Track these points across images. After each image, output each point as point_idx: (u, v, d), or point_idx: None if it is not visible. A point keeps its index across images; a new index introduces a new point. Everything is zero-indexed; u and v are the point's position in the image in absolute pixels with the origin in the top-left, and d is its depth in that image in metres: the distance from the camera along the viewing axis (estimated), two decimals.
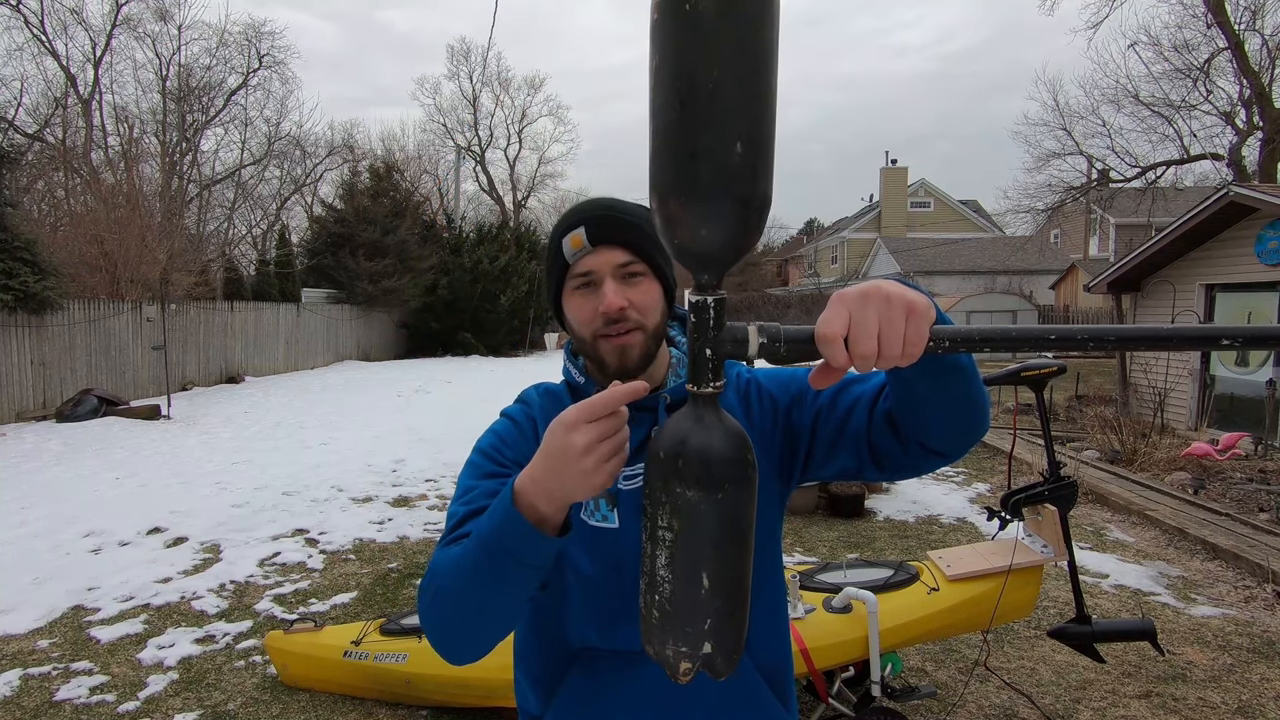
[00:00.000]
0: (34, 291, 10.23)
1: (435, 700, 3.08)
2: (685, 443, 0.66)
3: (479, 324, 22.03)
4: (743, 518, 0.67)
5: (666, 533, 0.66)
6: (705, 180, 0.60)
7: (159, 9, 22.07)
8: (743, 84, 0.58)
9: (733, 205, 0.61)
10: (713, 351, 0.66)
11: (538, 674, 1.10)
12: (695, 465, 0.65)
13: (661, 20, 0.59)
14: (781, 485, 1.11)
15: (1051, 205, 19.54)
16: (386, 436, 9.24)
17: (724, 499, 0.65)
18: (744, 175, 0.60)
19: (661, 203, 0.63)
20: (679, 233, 0.63)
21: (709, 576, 0.66)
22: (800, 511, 5.93)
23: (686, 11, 0.57)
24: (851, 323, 0.67)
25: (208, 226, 22.70)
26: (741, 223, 0.62)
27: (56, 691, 3.31)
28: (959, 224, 37.38)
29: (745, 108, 0.59)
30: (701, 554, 0.65)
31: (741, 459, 0.66)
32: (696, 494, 0.65)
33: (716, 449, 0.65)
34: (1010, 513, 2.92)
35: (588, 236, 1.03)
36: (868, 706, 2.77)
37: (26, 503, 6.22)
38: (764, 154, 0.61)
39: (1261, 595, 4.26)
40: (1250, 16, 15.90)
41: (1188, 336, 0.67)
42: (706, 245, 0.63)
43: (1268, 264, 8.05)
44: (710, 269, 0.65)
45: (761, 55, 0.59)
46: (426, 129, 48.19)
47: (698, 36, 0.57)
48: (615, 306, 1.01)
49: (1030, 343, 0.68)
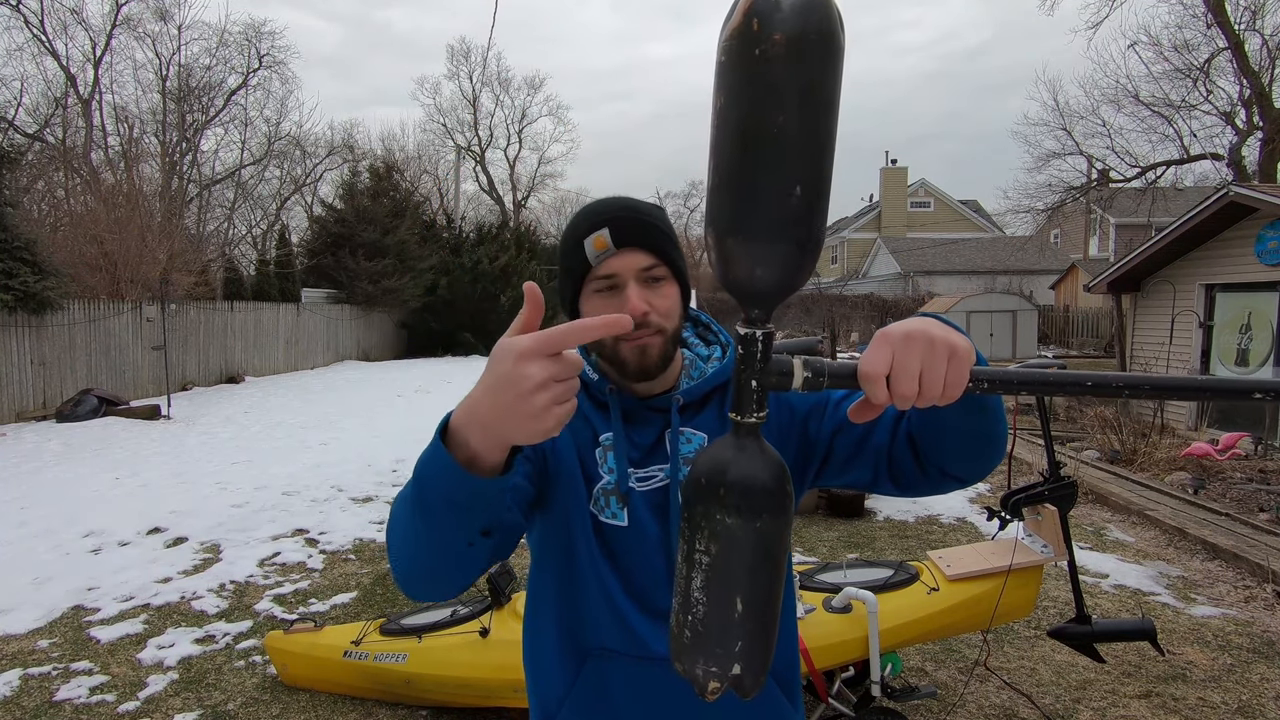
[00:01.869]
0: (34, 291, 10.23)
1: (435, 700, 3.08)
2: (727, 471, 0.67)
3: (479, 324, 22.01)
4: (778, 546, 0.68)
5: (704, 556, 0.67)
6: (763, 221, 0.62)
7: (159, 9, 22.08)
8: (805, 130, 0.60)
9: (789, 247, 0.63)
10: (758, 383, 0.68)
11: (551, 671, 1.09)
12: (736, 493, 0.66)
13: (729, 64, 0.60)
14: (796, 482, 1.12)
15: (1051, 205, 19.56)
16: (386, 436, 9.23)
17: (762, 527, 0.67)
18: (801, 219, 0.62)
19: (719, 240, 0.64)
20: (734, 270, 0.65)
21: (743, 601, 0.67)
22: (800, 511, 5.94)
23: (755, 58, 0.58)
24: (894, 363, 0.68)
25: (208, 226, 22.70)
26: (795, 263, 0.64)
27: (56, 691, 3.32)
28: (959, 224, 37.39)
29: (806, 153, 0.61)
30: (737, 579, 0.67)
31: (781, 489, 0.68)
32: (736, 521, 0.66)
33: (758, 479, 0.67)
34: (1010, 513, 2.92)
35: (612, 238, 1.02)
36: (868, 706, 2.77)
37: (26, 503, 6.22)
38: (821, 198, 0.63)
39: (1261, 595, 4.26)
40: (1250, 16, 15.92)
41: (1221, 389, 0.69)
42: (760, 283, 0.65)
43: (1268, 264, 8.05)
44: (761, 305, 0.67)
45: (824, 103, 0.61)
46: (426, 129, 48.23)
47: (765, 83, 0.59)
48: (639, 311, 1.01)
49: (1067, 388, 0.69)
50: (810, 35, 0.58)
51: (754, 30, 0.58)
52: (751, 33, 0.58)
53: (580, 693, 1.06)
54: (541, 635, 1.11)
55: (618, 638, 1.04)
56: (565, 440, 1.08)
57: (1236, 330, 8.67)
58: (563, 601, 1.07)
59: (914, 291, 28.68)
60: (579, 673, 1.06)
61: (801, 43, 0.58)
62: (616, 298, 1.03)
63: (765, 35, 0.58)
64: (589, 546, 1.05)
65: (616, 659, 1.04)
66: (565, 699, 1.07)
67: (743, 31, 0.59)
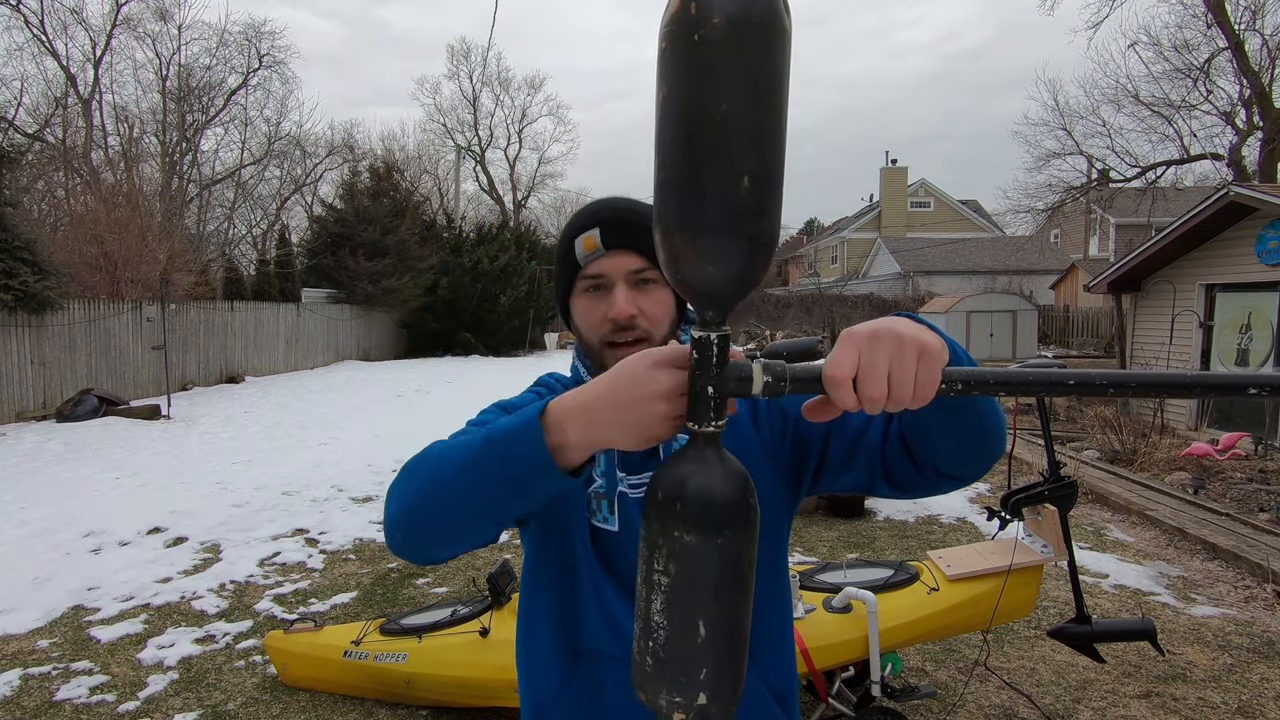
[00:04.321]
0: (34, 291, 10.23)
1: (435, 700, 3.08)
2: (685, 484, 0.63)
3: (479, 324, 22.02)
4: (743, 562, 0.64)
5: (663, 577, 0.63)
6: (711, 215, 0.59)
7: (159, 9, 22.10)
8: (751, 118, 0.57)
9: (739, 241, 0.60)
10: (715, 389, 0.64)
11: (544, 671, 1.09)
12: (694, 508, 0.62)
13: (669, 50, 0.58)
14: (789, 495, 1.09)
15: (1051, 205, 19.56)
16: (386, 436, 9.23)
17: (724, 543, 0.62)
18: (751, 211, 0.59)
19: (665, 237, 0.62)
20: (683, 268, 0.62)
21: (706, 624, 0.63)
22: (800, 511, 5.92)
23: (695, 42, 0.56)
24: (861, 364, 0.64)
25: (208, 226, 22.72)
26: (748, 259, 0.61)
27: (56, 691, 3.32)
28: (959, 224, 37.38)
29: (754, 142, 0.58)
30: (699, 600, 0.63)
31: (743, 501, 0.64)
32: (695, 538, 0.62)
33: (718, 491, 0.63)
34: (1010, 513, 2.92)
35: (602, 239, 1.01)
36: (868, 706, 2.77)
37: (26, 503, 6.22)
38: (772, 190, 0.60)
39: (1261, 595, 4.26)
40: (1250, 16, 15.92)
41: (1213, 385, 0.63)
42: (712, 282, 0.62)
43: (1268, 264, 8.05)
44: (715, 305, 0.64)
45: (771, 88, 0.58)
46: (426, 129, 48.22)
47: (706, 68, 0.56)
48: (625, 314, 1.00)
49: (1047, 387, 0.65)
50: (752, 18, 0.55)
51: (692, 14, 0.56)
52: (690, 16, 0.56)
53: (572, 694, 1.05)
54: (535, 635, 1.11)
55: (610, 640, 1.04)
56: None
57: (1237, 330, 8.67)
58: (556, 602, 1.07)
59: (914, 291, 28.68)
60: (572, 673, 1.06)
61: (743, 26, 0.55)
62: (604, 298, 1.02)
63: (704, 19, 0.55)
64: (583, 549, 1.05)
65: (609, 661, 1.04)
66: (557, 699, 1.06)
67: (681, 16, 0.56)
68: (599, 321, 1.02)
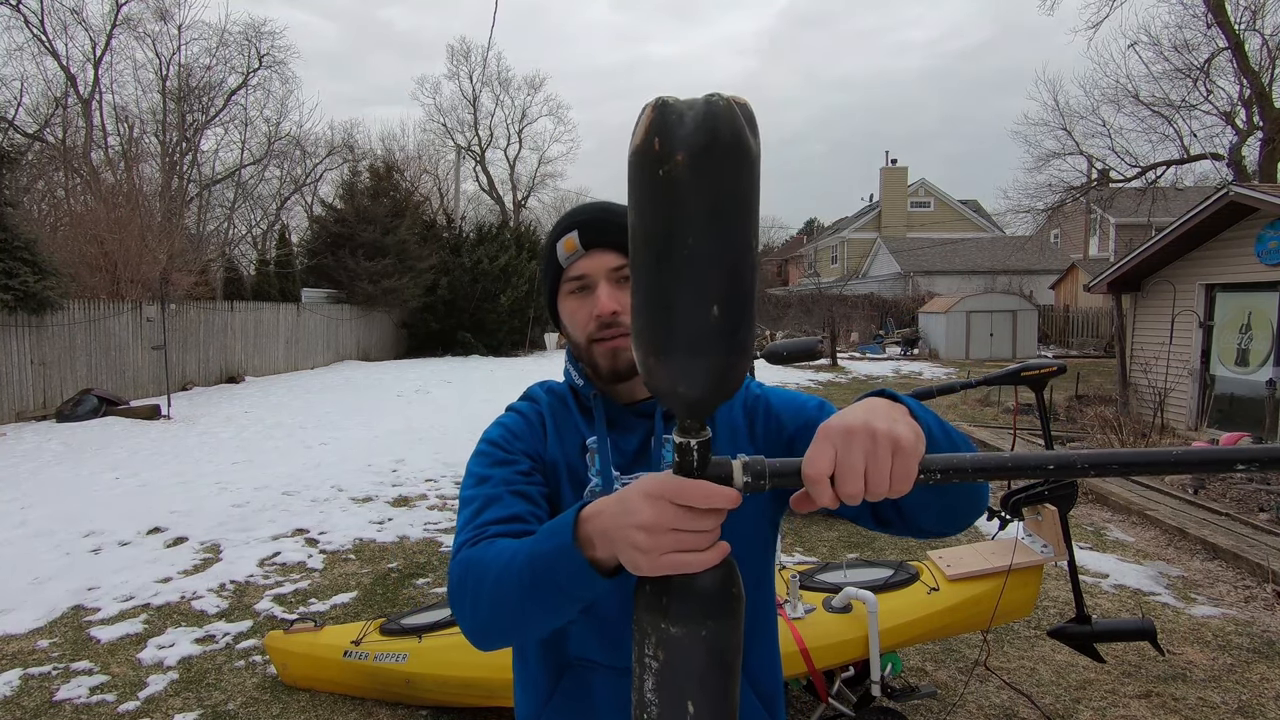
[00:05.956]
0: (34, 291, 10.23)
1: (435, 700, 3.08)
2: (670, 580, 0.66)
3: (479, 324, 22.02)
4: (729, 649, 0.67)
5: (653, 662, 0.66)
6: (682, 340, 0.61)
7: (159, 9, 22.07)
8: (718, 246, 0.58)
9: (711, 362, 0.62)
10: None
11: (534, 679, 1.09)
12: (678, 603, 0.65)
13: (636, 182, 0.59)
14: (778, 505, 1.11)
15: (1051, 205, 19.54)
16: (386, 436, 9.24)
17: (708, 635, 0.65)
18: (721, 335, 0.61)
19: (644, 355, 0.64)
20: (659, 383, 0.64)
21: (695, 703, 0.66)
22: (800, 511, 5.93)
23: (660, 177, 0.57)
24: (838, 463, 0.65)
25: (208, 226, 22.70)
26: (719, 375, 0.63)
27: (56, 691, 3.32)
28: (959, 224, 37.38)
29: (722, 268, 0.59)
30: (687, 685, 0.66)
31: (726, 593, 0.67)
32: (680, 630, 0.65)
33: (700, 587, 0.66)
34: (1010, 512, 2.92)
35: (581, 240, 1.05)
36: (868, 706, 2.77)
37: (26, 503, 6.22)
38: (743, 310, 0.62)
39: (1261, 595, 4.27)
40: (1250, 16, 15.91)
41: (1197, 461, 0.63)
42: (685, 396, 0.64)
43: (1268, 264, 8.05)
44: (692, 413, 0.65)
45: (737, 212, 0.58)
46: (426, 129, 48.13)
47: (673, 202, 0.57)
48: (608, 310, 1.03)
49: (1028, 470, 0.65)
50: (716, 148, 0.56)
51: (655, 150, 0.56)
52: (654, 152, 0.57)
53: (559, 703, 1.06)
54: (526, 643, 1.11)
55: (601, 649, 1.04)
56: (555, 446, 1.09)
57: (1236, 330, 8.67)
58: None
59: (914, 291, 28.68)
60: (559, 682, 1.06)
61: (707, 157, 0.56)
62: (588, 298, 1.06)
63: (668, 154, 0.56)
64: None
65: (598, 670, 1.04)
66: (544, 708, 1.07)
67: (645, 150, 0.57)
68: (585, 320, 1.06)
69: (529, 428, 1.11)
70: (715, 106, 0.57)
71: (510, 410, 1.16)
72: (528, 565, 0.81)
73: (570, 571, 0.76)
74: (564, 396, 1.15)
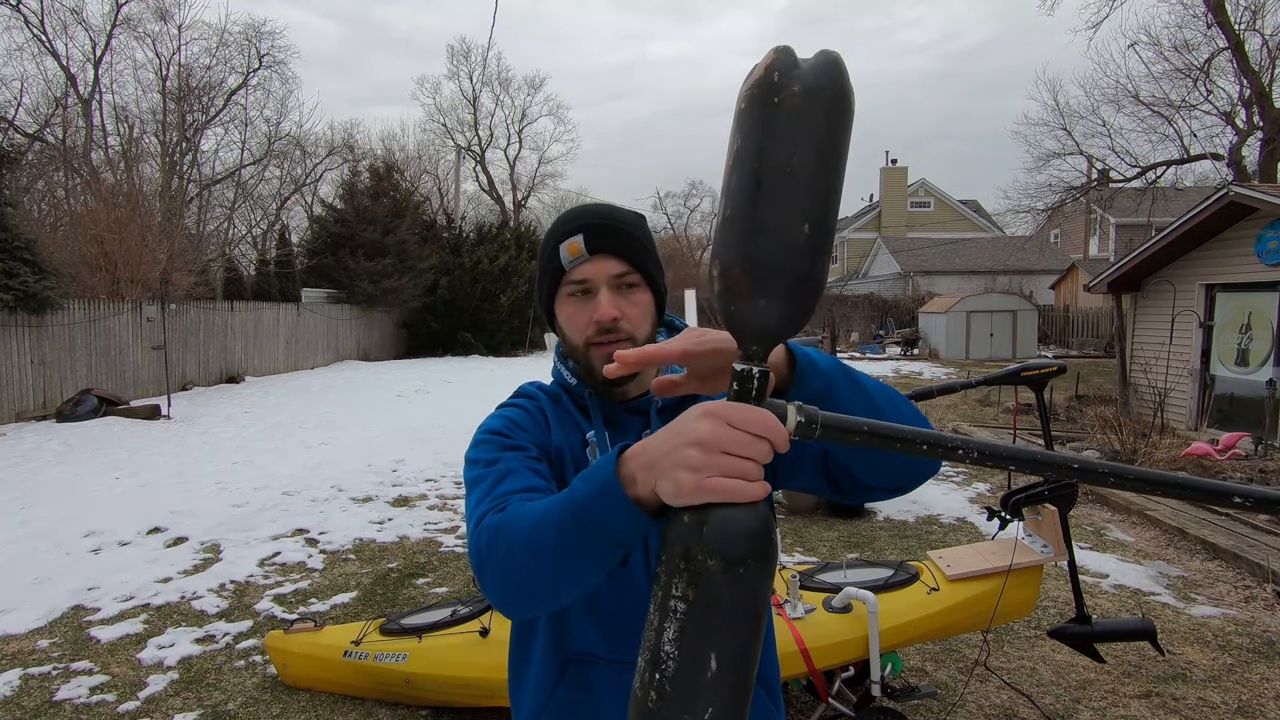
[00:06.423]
0: (34, 291, 10.23)
1: (435, 700, 3.08)
2: (711, 509, 0.64)
3: (479, 324, 22.02)
4: (759, 598, 0.65)
5: (680, 603, 0.63)
6: (770, 255, 0.65)
7: (159, 9, 22.07)
8: (816, 173, 0.65)
9: (793, 282, 0.66)
10: None
11: (537, 675, 1.09)
12: (719, 534, 0.63)
13: (748, 109, 0.66)
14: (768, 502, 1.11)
15: (1051, 205, 19.53)
16: (386, 436, 9.24)
17: (744, 574, 0.63)
18: (806, 254, 0.66)
19: (724, 271, 0.67)
20: (737, 301, 0.67)
21: (718, 658, 0.63)
22: (800, 511, 5.93)
23: (774, 104, 0.64)
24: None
25: (208, 226, 22.69)
26: (797, 299, 0.67)
27: (56, 691, 3.32)
28: (959, 224, 37.38)
29: (817, 194, 0.65)
30: (713, 632, 0.63)
31: (766, 534, 0.65)
32: (717, 564, 0.63)
33: (742, 520, 0.64)
34: (1010, 513, 2.92)
35: (586, 245, 1.05)
36: (868, 706, 2.77)
37: (26, 503, 6.22)
38: (826, 239, 0.67)
39: (1261, 595, 4.27)
40: (1250, 16, 15.90)
41: (1194, 488, 0.67)
42: (762, 317, 0.67)
43: (1268, 264, 8.05)
44: (761, 341, 0.68)
45: (835, 149, 0.66)
46: (426, 129, 48.06)
47: (781, 126, 0.64)
48: (609, 317, 1.03)
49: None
50: (829, 88, 0.64)
51: (774, 81, 0.64)
52: (772, 84, 0.64)
53: (563, 697, 1.06)
54: (528, 638, 1.12)
55: (604, 643, 1.04)
56: (560, 442, 1.10)
57: (1236, 330, 8.67)
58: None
59: (914, 291, 28.68)
60: (561, 677, 1.06)
61: (820, 93, 0.64)
62: (588, 302, 1.06)
63: (785, 86, 0.64)
64: None
65: (601, 665, 1.04)
66: (548, 703, 1.07)
67: (765, 81, 0.65)
68: (584, 324, 1.06)
69: (531, 419, 1.11)
70: (831, 56, 0.66)
71: (507, 405, 1.16)
72: (568, 511, 0.78)
73: (613, 510, 0.73)
74: (557, 395, 1.16)
